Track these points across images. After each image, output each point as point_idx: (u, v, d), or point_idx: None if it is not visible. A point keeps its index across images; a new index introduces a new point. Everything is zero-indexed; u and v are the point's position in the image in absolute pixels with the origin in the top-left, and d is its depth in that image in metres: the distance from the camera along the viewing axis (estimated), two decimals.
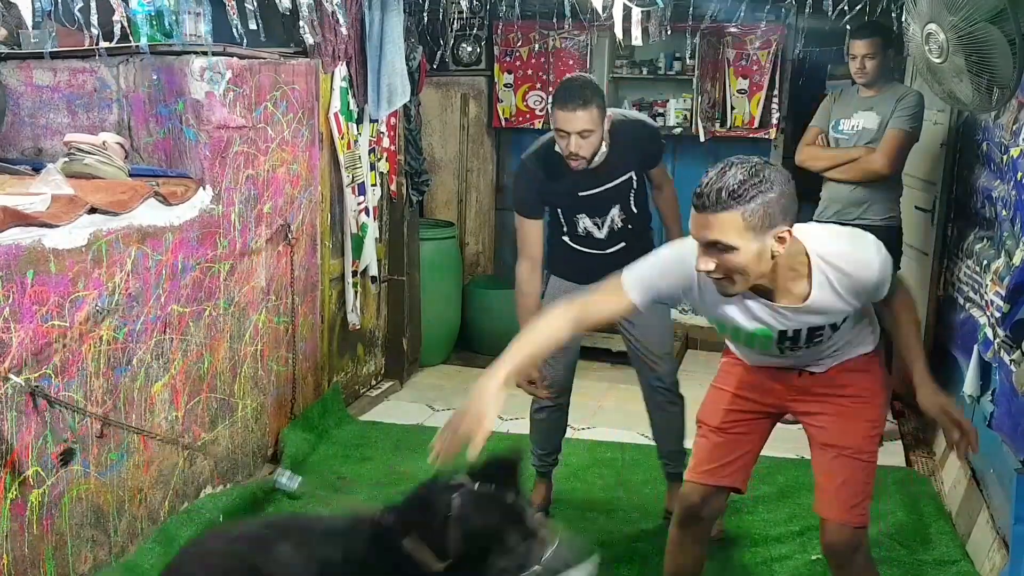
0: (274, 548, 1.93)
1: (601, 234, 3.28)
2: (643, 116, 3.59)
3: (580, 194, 3.19)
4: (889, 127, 3.85)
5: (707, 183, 1.91)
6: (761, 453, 2.50)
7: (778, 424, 2.51)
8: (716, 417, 2.38)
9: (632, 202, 3.29)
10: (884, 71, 3.95)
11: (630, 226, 3.29)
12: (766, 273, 1.98)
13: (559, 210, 3.27)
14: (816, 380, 2.28)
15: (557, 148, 3.10)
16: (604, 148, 3.09)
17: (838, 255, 2.05)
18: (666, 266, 2.16)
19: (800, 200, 2.02)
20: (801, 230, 2.05)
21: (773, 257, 1.94)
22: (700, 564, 2.50)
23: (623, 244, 3.26)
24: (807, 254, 2.03)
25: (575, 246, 3.32)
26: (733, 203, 1.87)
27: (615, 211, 3.26)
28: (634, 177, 3.28)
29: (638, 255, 2.37)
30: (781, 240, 1.93)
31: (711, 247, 1.93)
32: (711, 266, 1.94)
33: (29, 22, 2.61)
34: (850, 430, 2.25)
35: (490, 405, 1.91)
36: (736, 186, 1.87)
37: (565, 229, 3.30)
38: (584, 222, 3.25)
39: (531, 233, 3.23)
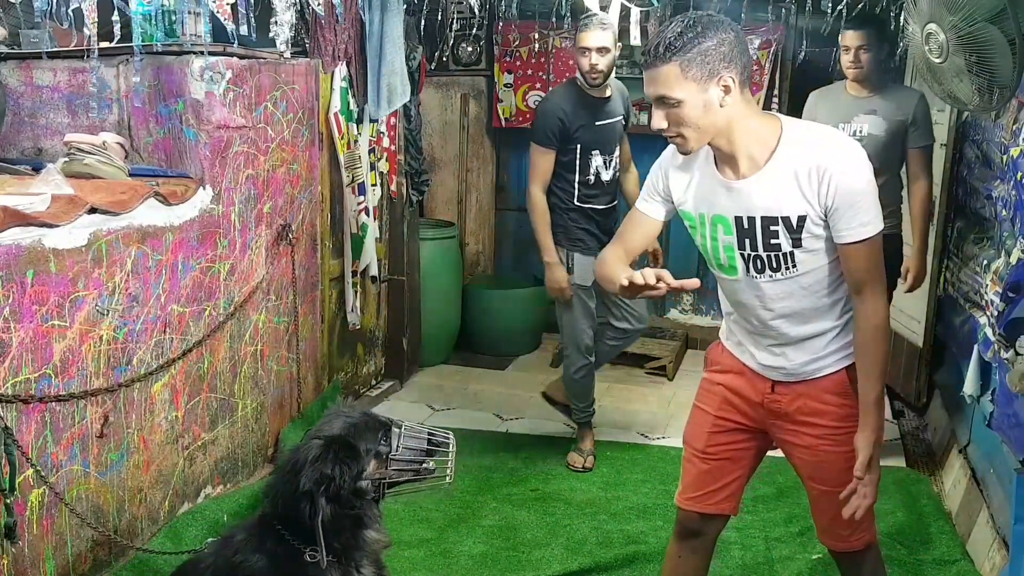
0: None
1: (607, 175, 3.82)
2: None
3: (596, 124, 3.75)
4: (923, 144, 3.70)
5: (649, 40, 1.98)
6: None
7: None
8: (700, 440, 2.33)
9: (619, 153, 3.89)
10: (878, 67, 3.75)
11: (618, 178, 3.90)
12: (722, 130, 1.99)
13: (577, 147, 3.74)
14: (791, 401, 2.20)
15: (578, 80, 3.74)
16: (613, 76, 3.75)
17: (817, 142, 2.00)
18: (662, 159, 2.22)
19: None
20: (790, 118, 2.07)
21: (723, 107, 1.95)
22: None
23: (614, 202, 3.92)
24: (782, 130, 2.02)
25: (583, 205, 3.81)
26: (670, 55, 1.92)
27: (617, 152, 3.85)
28: (623, 122, 3.89)
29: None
30: (726, 89, 1.94)
31: (660, 103, 1.98)
32: (663, 124, 2.00)
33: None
34: (827, 466, 2.19)
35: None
36: (672, 38, 1.92)
37: (577, 178, 3.78)
38: (596, 161, 3.78)
39: (544, 163, 3.79)
